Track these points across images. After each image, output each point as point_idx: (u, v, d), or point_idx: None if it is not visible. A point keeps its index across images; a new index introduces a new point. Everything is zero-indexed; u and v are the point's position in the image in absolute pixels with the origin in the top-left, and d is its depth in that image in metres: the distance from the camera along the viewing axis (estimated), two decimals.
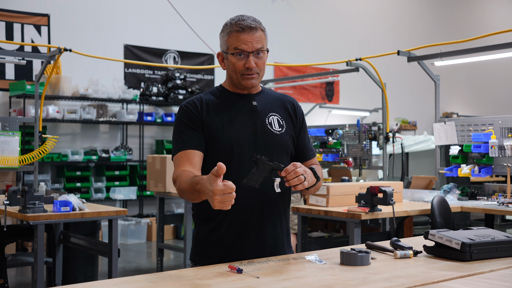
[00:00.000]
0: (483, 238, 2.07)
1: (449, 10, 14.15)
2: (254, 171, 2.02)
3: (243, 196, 2.13)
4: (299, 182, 1.98)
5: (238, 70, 2.19)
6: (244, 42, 2.16)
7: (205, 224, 2.23)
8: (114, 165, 8.76)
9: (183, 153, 2.16)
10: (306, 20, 11.54)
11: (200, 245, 2.24)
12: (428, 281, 1.74)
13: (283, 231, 2.27)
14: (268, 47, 2.28)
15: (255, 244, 2.18)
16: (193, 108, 2.21)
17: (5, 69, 8.15)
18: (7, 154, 5.11)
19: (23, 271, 6.49)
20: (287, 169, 1.99)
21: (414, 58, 5.68)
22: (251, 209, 2.17)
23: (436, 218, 4.34)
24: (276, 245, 2.23)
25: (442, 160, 5.95)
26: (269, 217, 2.21)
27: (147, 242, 8.45)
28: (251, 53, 2.17)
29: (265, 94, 2.32)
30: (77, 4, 8.82)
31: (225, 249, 2.17)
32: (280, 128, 2.26)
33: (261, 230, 2.19)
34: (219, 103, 2.24)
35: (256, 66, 2.18)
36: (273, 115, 2.27)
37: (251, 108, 2.24)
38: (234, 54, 2.18)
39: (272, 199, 2.20)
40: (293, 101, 2.37)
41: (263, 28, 2.23)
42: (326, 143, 6.61)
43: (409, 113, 12.59)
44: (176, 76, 9.08)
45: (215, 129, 2.18)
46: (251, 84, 2.21)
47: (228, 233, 2.18)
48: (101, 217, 4.44)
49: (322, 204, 4.44)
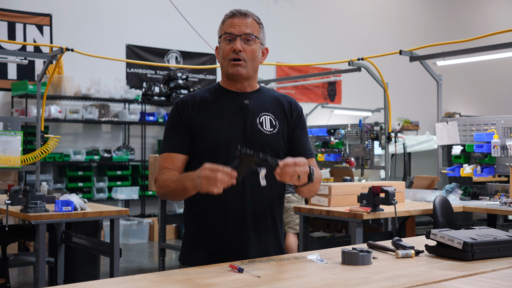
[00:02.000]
0: (485, 237, 2.06)
1: (451, 9, 14.13)
2: (238, 166, 1.93)
3: (228, 198, 2.11)
4: (291, 179, 1.94)
5: (226, 55, 2.18)
6: (233, 26, 2.18)
7: (191, 225, 2.22)
8: (116, 165, 8.76)
9: (167, 155, 2.18)
10: (308, 20, 11.54)
11: (186, 246, 2.23)
12: (430, 281, 1.73)
13: (268, 235, 2.21)
14: (266, 46, 2.27)
15: (237, 247, 2.15)
16: (183, 107, 2.20)
17: (7, 69, 8.16)
18: (9, 153, 5.11)
19: (25, 270, 6.50)
20: (287, 163, 1.91)
21: (416, 58, 5.67)
22: (235, 211, 2.14)
23: (438, 218, 4.33)
24: (260, 249, 2.18)
25: (444, 160, 5.94)
26: (253, 220, 2.16)
27: (149, 242, 8.45)
28: (238, 36, 2.16)
29: (262, 93, 2.28)
30: (79, 4, 8.83)
31: (208, 250, 2.15)
32: (272, 128, 2.21)
33: (243, 233, 2.15)
34: (211, 101, 2.22)
35: (243, 51, 2.16)
36: (265, 115, 2.22)
37: (242, 107, 2.21)
38: (223, 38, 2.18)
39: (258, 199, 2.16)
40: (291, 100, 2.32)
41: (258, 21, 2.23)
42: (328, 143, 6.60)
43: (411, 113, 12.57)
44: (178, 76, 9.09)
45: (203, 127, 2.16)
46: (237, 71, 2.16)
47: (211, 235, 2.16)
48: (103, 217, 4.44)
49: (324, 204, 4.44)
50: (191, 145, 2.18)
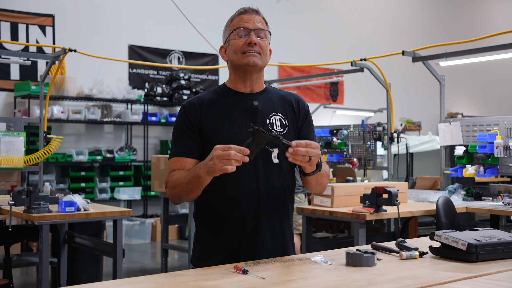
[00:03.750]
0: (490, 239, 2.06)
1: (454, 10, 14.11)
2: (251, 143, 1.93)
3: (243, 199, 2.12)
4: (302, 160, 1.95)
5: (239, 48, 2.16)
6: (246, 21, 2.18)
7: (205, 227, 2.21)
8: (119, 165, 8.77)
9: (177, 159, 2.16)
10: (310, 20, 11.53)
11: (199, 248, 2.22)
12: (434, 282, 1.73)
13: (283, 235, 2.22)
14: (271, 47, 2.27)
15: (253, 249, 2.15)
16: (191, 110, 2.18)
17: (10, 69, 8.17)
18: (12, 154, 5.12)
19: (28, 271, 6.51)
20: (300, 143, 1.92)
21: (419, 58, 5.67)
22: (251, 213, 2.14)
23: (441, 218, 4.33)
24: (275, 250, 2.19)
25: (447, 160, 5.93)
26: (268, 221, 2.17)
27: (152, 243, 8.46)
28: (253, 31, 2.17)
29: (269, 93, 2.26)
30: (81, 5, 8.84)
31: (223, 252, 2.14)
32: (283, 129, 2.20)
33: (259, 234, 2.15)
34: (219, 103, 2.20)
35: (258, 45, 2.16)
36: (275, 115, 2.21)
37: (252, 108, 2.19)
38: (236, 33, 2.18)
39: (272, 201, 2.16)
40: (298, 98, 2.31)
41: (266, 20, 2.25)
42: (331, 144, 6.60)
43: (414, 114, 12.56)
44: (180, 76, 9.09)
45: (213, 130, 2.14)
46: (253, 61, 2.15)
47: (226, 237, 2.15)
48: (106, 217, 4.44)
49: (327, 205, 4.43)
50: (201, 148, 2.16)
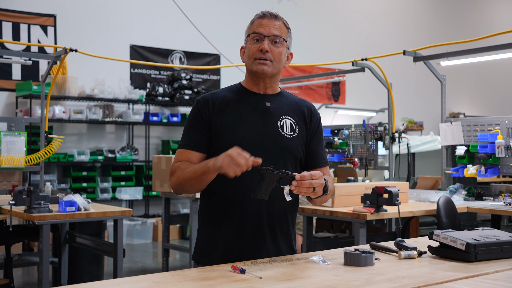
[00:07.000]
0: (488, 238, 2.06)
1: (455, 9, 14.10)
2: (262, 183, 2.01)
3: (246, 199, 2.13)
4: (307, 192, 2.00)
5: (252, 54, 2.18)
6: (262, 26, 2.18)
7: (208, 224, 2.23)
8: (120, 165, 8.78)
9: (183, 151, 2.20)
10: (312, 20, 11.53)
11: (201, 245, 2.24)
12: (432, 282, 1.72)
13: (284, 237, 2.23)
14: (291, 51, 2.27)
15: (254, 248, 2.16)
16: (204, 105, 2.21)
17: (11, 69, 8.18)
18: (13, 154, 5.13)
19: (29, 271, 6.52)
20: (304, 175, 1.97)
21: (420, 58, 5.66)
22: (253, 212, 2.15)
23: (442, 218, 4.32)
24: (276, 251, 2.20)
25: (448, 160, 5.93)
26: (270, 221, 2.18)
27: (153, 242, 8.47)
28: (267, 37, 2.17)
29: (283, 97, 2.29)
30: (83, 5, 8.85)
31: (224, 250, 2.16)
32: (292, 132, 2.22)
33: (261, 235, 2.17)
34: (232, 101, 2.22)
35: (270, 52, 2.16)
36: (286, 118, 2.23)
37: (264, 109, 2.21)
38: (251, 38, 2.19)
39: (275, 203, 2.18)
40: (311, 106, 2.33)
41: (287, 25, 2.24)
42: (332, 143, 6.59)
43: (415, 113, 12.55)
44: (182, 76, 9.10)
45: (223, 127, 2.17)
46: (262, 70, 2.17)
47: (228, 235, 2.17)
48: (107, 217, 4.44)
49: (328, 205, 4.43)
50: (209, 144, 2.19)
